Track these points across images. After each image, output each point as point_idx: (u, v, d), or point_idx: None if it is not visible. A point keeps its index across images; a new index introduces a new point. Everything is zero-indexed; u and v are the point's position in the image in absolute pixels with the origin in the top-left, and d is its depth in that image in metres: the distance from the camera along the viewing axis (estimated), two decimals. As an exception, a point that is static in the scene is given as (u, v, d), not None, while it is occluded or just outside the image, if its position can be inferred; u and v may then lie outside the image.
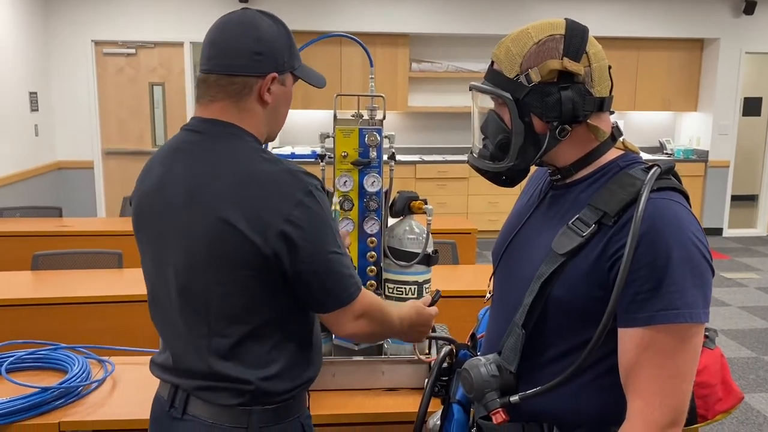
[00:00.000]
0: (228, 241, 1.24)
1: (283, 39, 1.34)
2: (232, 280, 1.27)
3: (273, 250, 1.24)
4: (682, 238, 1.07)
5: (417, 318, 1.52)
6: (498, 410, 1.18)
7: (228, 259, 1.25)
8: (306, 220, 1.25)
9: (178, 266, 1.31)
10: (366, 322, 1.37)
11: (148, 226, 1.37)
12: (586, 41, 1.19)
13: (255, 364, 1.31)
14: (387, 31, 7.15)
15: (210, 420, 1.33)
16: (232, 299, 1.29)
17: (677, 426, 1.08)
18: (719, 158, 7.80)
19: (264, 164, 1.28)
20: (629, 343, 1.09)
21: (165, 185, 1.33)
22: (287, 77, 1.37)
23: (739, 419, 3.57)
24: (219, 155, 1.30)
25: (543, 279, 1.16)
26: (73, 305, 2.82)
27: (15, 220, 4.57)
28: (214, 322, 1.30)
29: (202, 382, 1.33)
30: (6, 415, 1.71)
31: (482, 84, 1.25)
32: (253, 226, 1.23)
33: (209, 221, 1.25)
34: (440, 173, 7.37)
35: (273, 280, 1.28)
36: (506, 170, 1.24)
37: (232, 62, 1.31)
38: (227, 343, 1.30)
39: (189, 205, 1.28)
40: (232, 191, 1.25)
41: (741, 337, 4.80)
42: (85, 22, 6.74)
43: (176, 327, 1.35)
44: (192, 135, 1.35)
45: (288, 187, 1.26)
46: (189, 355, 1.34)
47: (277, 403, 1.35)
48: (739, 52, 7.62)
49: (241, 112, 1.33)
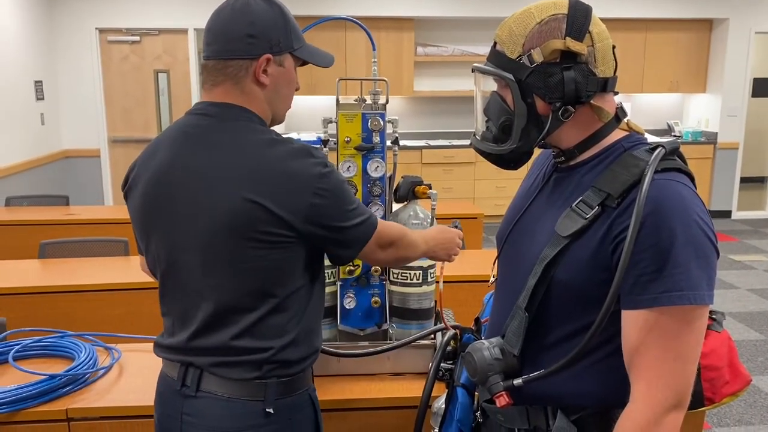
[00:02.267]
0: (256, 221, 1.28)
1: (278, 21, 1.36)
2: (259, 257, 1.31)
3: (304, 224, 1.31)
4: (687, 220, 1.06)
5: (440, 236, 1.66)
6: (501, 393, 1.18)
7: (256, 238, 1.29)
8: (330, 189, 1.33)
9: (200, 248, 1.33)
10: (394, 249, 1.50)
11: (160, 210, 1.37)
12: (590, 20, 1.17)
13: (274, 334, 1.36)
14: (392, 15, 7.11)
15: (226, 395, 1.35)
16: (261, 275, 1.33)
17: (681, 408, 1.07)
18: (728, 140, 7.73)
19: (280, 144, 1.33)
20: (633, 326, 1.08)
21: (176, 169, 1.35)
22: (285, 58, 1.39)
23: (747, 402, 3.56)
24: (235, 138, 1.34)
25: (546, 261, 1.15)
26: (80, 293, 2.83)
27: (22, 209, 4.60)
28: (243, 299, 1.34)
29: (218, 358, 1.35)
30: (13, 403, 1.72)
31: (484, 65, 1.24)
32: (282, 204, 1.29)
33: (233, 202, 1.28)
34: (446, 158, 7.35)
35: (299, 251, 1.35)
36: (509, 152, 1.23)
37: (227, 47, 1.35)
38: (253, 317, 1.34)
39: (210, 190, 1.31)
40: (255, 172, 1.30)
41: (749, 319, 4.79)
42: (88, 10, 6.73)
43: (196, 307, 1.36)
44: (201, 119, 1.37)
45: (308, 163, 1.32)
46: (208, 333, 1.36)
47: (290, 376, 1.39)
48: (748, 32, 7.54)
49: (243, 94, 1.37)
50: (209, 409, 1.36)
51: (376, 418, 1.81)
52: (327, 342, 1.89)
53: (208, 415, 1.36)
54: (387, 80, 1.84)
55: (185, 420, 1.38)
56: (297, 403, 1.42)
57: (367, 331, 1.90)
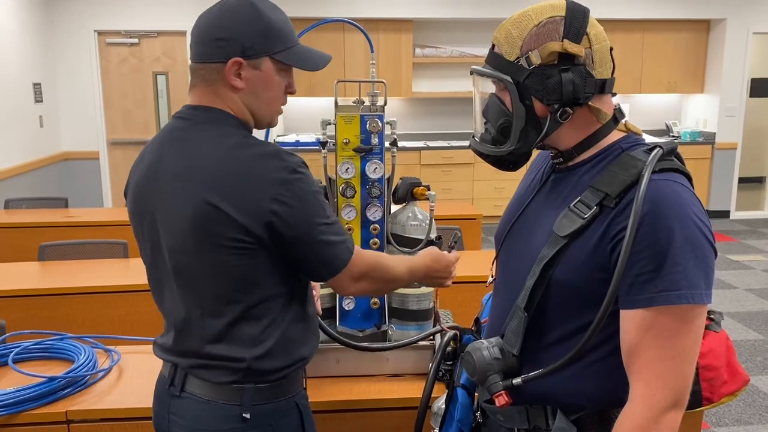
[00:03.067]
0: (216, 225, 1.27)
1: (253, 23, 1.33)
2: (222, 262, 1.30)
3: (264, 231, 1.28)
4: (684, 219, 1.06)
5: (433, 264, 1.59)
6: (501, 393, 1.18)
7: (217, 243, 1.28)
8: (293, 197, 1.28)
9: (172, 250, 1.34)
10: (368, 282, 1.43)
11: (144, 212, 1.40)
12: (587, 22, 1.17)
13: (247, 343, 1.35)
14: (391, 16, 7.11)
15: (205, 397, 1.37)
16: (223, 281, 1.32)
17: (679, 407, 1.08)
18: (726, 140, 7.74)
19: (246, 148, 1.30)
20: (631, 325, 1.09)
21: (157, 172, 1.36)
22: (263, 62, 1.35)
23: (746, 402, 3.57)
24: (204, 140, 1.33)
25: (545, 261, 1.15)
26: (80, 295, 2.83)
27: (21, 212, 4.59)
28: (209, 303, 1.34)
29: (197, 360, 1.37)
30: (13, 405, 1.72)
31: (483, 68, 1.24)
32: (241, 209, 1.26)
33: (197, 206, 1.28)
34: (445, 159, 7.36)
35: (264, 261, 1.31)
36: (508, 154, 1.23)
37: (200, 50, 1.35)
38: (221, 323, 1.34)
39: (177, 190, 1.31)
40: (217, 176, 1.28)
41: (748, 319, 4.79)
42: (87, 12, 6.73)
43: (175, 309, 1.39)
44: (182, 122, 1.38)
45: (272, 168, 1.28)
46: (186, 335, 1.38)
47: (269, 382, 1.38)
48: (746, 32, 7.55)
49: (218, 97, 1.36)
50: (191, 410, 1.38)
51: (376, 419, 1.82)
52: (326, 343, 1.90)
53: (190, 416, 1.39)
54: (385, 82, 1.85)
55: (171, 419, 1.41)
56: (279, 409, 1.40)
57: (367, 332, 1.90)
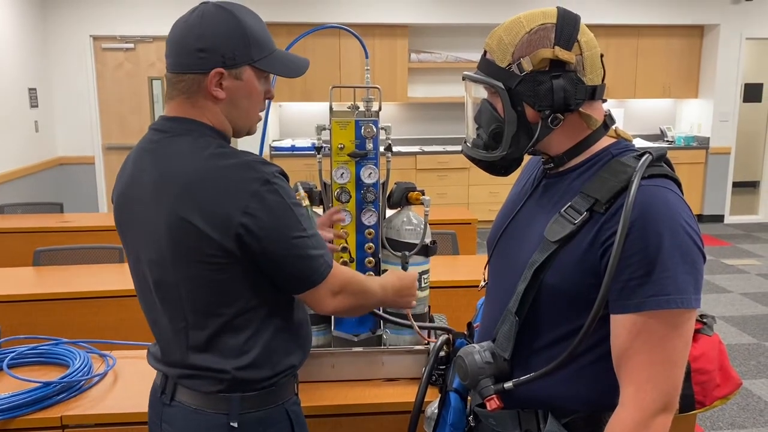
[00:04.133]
0: (189, 239, 1.26)
1: (234, 33, 1.30)
2: (199, 275, 1.29)
3: (235, 244, 1.26)
4: (673, 225, 1.08)
5: (399, 283, 1.56)
6: (492, 397, 1.19)
7: (192, 256, 1.28)
8: (264, 209, 1.25)
9: (151, 263, 1.34)
10: (345, 297, 1.39)
11: (126, 224, 1.40)
12: (578, 30, 1.18)
13: (231, 354, 1.34)
14: (386, 21, 7.13)
15: (194, 406, 1.37)
16: (202, 293, 1.31)
17: (669, 411, 1.09)
18: (720, 145, 7.78)
19: (218, 159, 1.28)
20: (621, 329, 1.10)
21: (134, 184, 1.36)
22: (244, 71, 1.33)
23: (740, 405, 3.58)
24: (179, 153, 1.31)
25: (536, 266, 1.16)
26: (75, 300, 2.83)
27: (16, 217, 4.59)
28: (190, 316, 1.34)
29: (184, 371, 1.38)
30: (8, 410, 1.72)
31: (475, 74, 1.25)
32: (211, 223, 1.25)
33: (170, 220, 1.27)
34: (440, 164, 7.37)
35: (240, 273, 1.30)
36: (500, 159, 1.24)
37: (179, 60, 1.32)
38: (204, 335, 1.34)
39: (153, 204, 1.31)
40: (188, 189, 1.26)
41: (742, 323, 4.81)
42: (83, 18, 6.74)
43: (159, 320, 1.40)
44: (156, 134, 1.37)
45: (243, 179, 1.26)
46: (172, 347, 1.39)
47: (256, 390, 1.37)
48: (739, 37, 7.59)
49: (195, 108, 1.34)
50: (180, 419, 1.39)
51: (370, 423, 1.82)
52: (321, 347, 1.91)
53: (180, 425, 1.39)
54: (380, 88, 1.86)
55: (164, 428, 1.42)
56: (269, 417, 1.40)
57: (362, 337, 1.91)
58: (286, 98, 7.23)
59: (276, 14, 6.79)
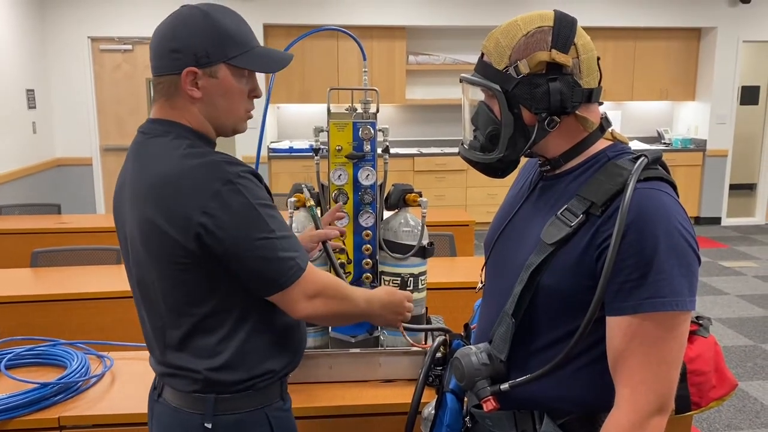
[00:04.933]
0: (155, 239, 1.29)
1: (207, 31, 1.29)
2: (168, 275, 1.31)
3: (195, 244, 1.25)
4: (669, 228, 1.08)
5: (388, 298, 1.52)
6: (488, 398, 1.20)
7: (159, 256, 1.30)
8: (224, 209, 1.24)
9: (133, 263, 1.38)
10: (322, 301, 1.35)
11: (119, 225, 1.44)
12: (575, 33, 1.19)
13: (203, 354, 1.35)
14: (384, 24, 7.14)
15: (174, 404, 1.40)
16: (173, 293, 1.33)
17: (664, 412, 1.09)
18: (717, 147, 7.80)
19: (184, 160, 1.28)
20: (617, 331, 1.10)
21: (121, 185, 1.41)
22: (219, 69, 1.31)
23: (737, 407, 3.59)
24: (152, 154, 1.33)
25: (532, 268, 1.17)
26: (72, 301, 2.83)
27: (14, 218, 4.58)
28: (165, 315, 1.36)
29: (165, 369, 1.40)
30: (6, 411, 1.72)
31: (472, 76, 1.26)
32: (172, 223, 1.25)
33: (140, 220, 1.31)
34: (438, 166, 7.38)
35: (206, 273, 1.30)
36: (496, 161, 1.25)
37: (156, 63, 1.34)
38: (178, 334, 1.36)
39: (130, 205, 1.35)
40: (153, 190, 1.28)
41: (739, 325, 4.82)
42: (81, 19, 6.74)
43: (143, 318, 1.44)
44: (140, 136, 1.39)
45: (203, 179, 1.25)
46: (155, 345, 1.42)
47: (230, 393, 1.37)
48: (736, 40, 7.61)
49: (174, 110, 1.35)
50: (164, 416, 1.42)
51: (367, 424, 1.83)
52: (319, 348, 1.91)
53: (163, 422, 1.43)
54: (377, 90, 1.87)
55: (154, 423, 1.47)
56: (245, 420, 1.38)
57: (359, 338, 1.91)
58: (284, 100, 7.24)
59: (274, 16, 6.80)
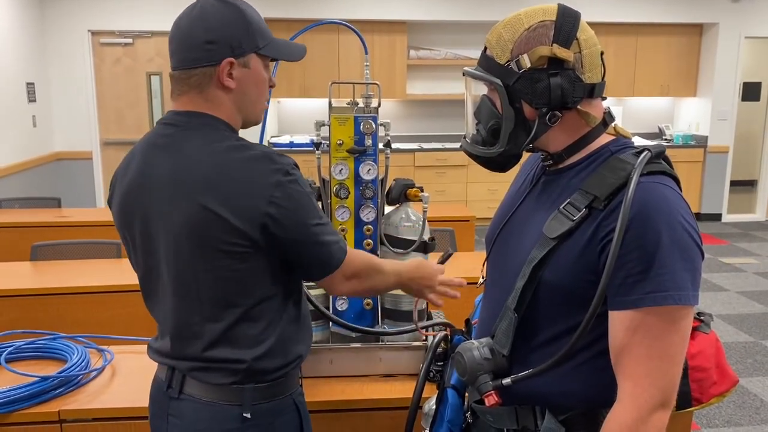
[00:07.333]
0: (212, 229, 1.28)
1: (237, 22, 1.34)
2: (219, 267, 1.31)
3: (260, 234, 1.29)
4: (672, 222, 1.08)
5: (416, 271, 1.59)
6: (490, 393, 1.19)
7: (214, 247, 1.29)
8: (288, 198, 1.30)
9: (167, 257, 1.35)
10: (358, 281, 1.46)
11: (134, 221, 1.39)
12: (577, 27, 1.18)
13: (247, 344, 1.36)
14: (385, 18, 7.13)
15: (205, 398, 1.37)
16: (221, 285, 1.32)
17: (667, 407, 1.09)
18: (718, 144, 7.79)
19: (240, 151, 1.31)
20: (619, 326, 1.10)
21: (147, 179, 1.36)
22: (250, 58, 1.36)
23: (737, 403, 3.59)
24: (194, 146, 1.33)
25: (534, 263, 1.17)
26: (72, 295, 2.83)
27: (14, 212, 4.58)
28: (207, 309, 1.34)
29: (196, 363, 1.38)
30: (6, 404, 1.72)
31: (474, 70, 1.26)
32: (236, 213, 1.27)
33: (192, 211, 1.29)
34: (439, 161, 7.37)
35: (260, 262, 1.33)
36: (498, 155, 1.25)
37: (188, 56, 1.34)
38: (220, 327, 1.34)
39: (172, 198, 1.31)
40: (212, 180, 1.28)
41: (739, 321, 4.82)
42: (81, 12, 6.72)
43: (172, 315, 1.39)
44: (167, 128, 1.38)
45: (266, 170, 1.29)
46: (185, 341, 1.38)
47: (269, 381, 1.39)
48: (738, 36, 7.60)
49: (208, 102, 1.36)
50: (191, 412, 1.39)
51: (368, 419, 1.82)
52: (320, 343, 1.91)
53: (190, 418, 1.39)
54: (379, 84, 1.86)
55: (170, 421, 1.41)
56: (278, 407, 1.42)
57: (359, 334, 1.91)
58: (284, 94, 7.23)
59: (275, 10, 6.79)
